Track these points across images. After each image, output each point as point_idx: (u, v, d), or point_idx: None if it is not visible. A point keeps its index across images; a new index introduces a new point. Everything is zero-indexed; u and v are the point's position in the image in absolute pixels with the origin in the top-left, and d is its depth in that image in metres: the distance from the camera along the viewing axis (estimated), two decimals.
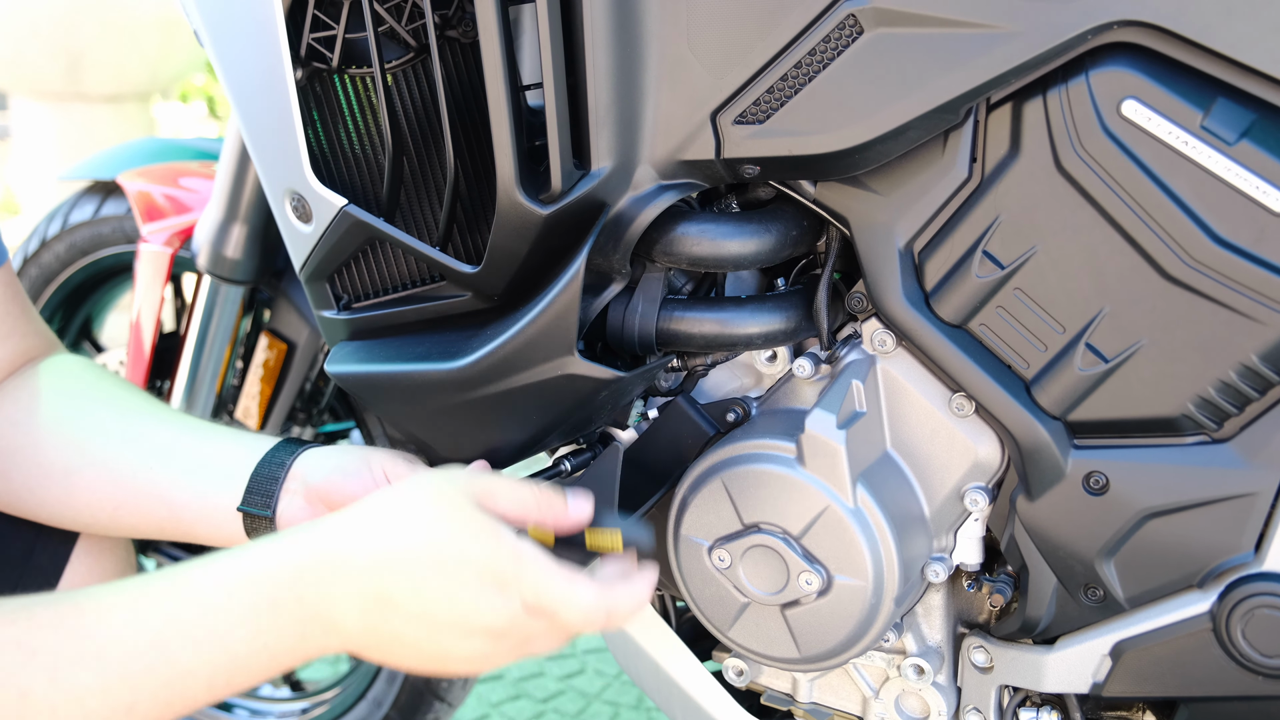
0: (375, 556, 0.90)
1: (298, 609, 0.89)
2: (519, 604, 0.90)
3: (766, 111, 0.99)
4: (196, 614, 0.87)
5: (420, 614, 0.89)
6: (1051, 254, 1.00)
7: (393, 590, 0.89)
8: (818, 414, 1.06)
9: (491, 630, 0.90)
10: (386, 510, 0.92)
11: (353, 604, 0.89)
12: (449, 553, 0.90)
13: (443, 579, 0.89)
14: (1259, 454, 0.98)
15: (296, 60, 1.08)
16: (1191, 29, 0.90)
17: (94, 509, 1.13)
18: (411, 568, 0.90)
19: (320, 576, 0.89)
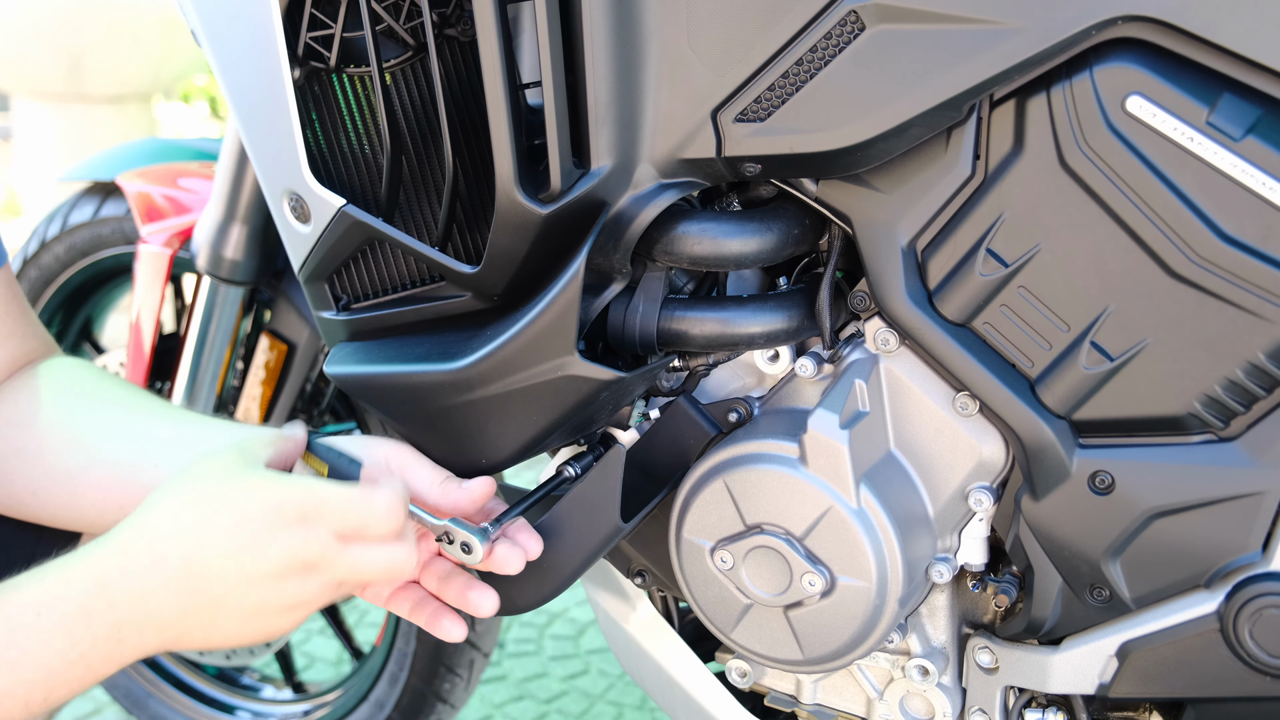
0: (179, 535, 0.91)
1: (110, 614, 0.89)
2: (328, 532, 0.91)
3: (768, 109, 0.99)
4: (6, 637, 0.88)
5: (234, 572, 0.90)
6: (1056, 252, 0.99)
7: (205, 559, 0.90)
8: (820, 414, 1.05)
9: (306, 563, 0.91)
10: (176, 492, 0.93)
11: (168, 592, 0.90)
12: (249, 504, 0.91)
13: (249, 531, 0.90)
14: (1266, 453, 0.97)
15: (294, 59, 1.07)
16: (1197, 24, 0.90)
17: (100, 509, 1.13)
18: (216, 532, 0.90)
19: (129, 576, 0.90)
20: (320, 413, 1.89)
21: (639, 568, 1.26)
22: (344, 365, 1.13)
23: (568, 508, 1.08)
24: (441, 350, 1.09)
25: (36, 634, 0.88)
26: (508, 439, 1.10)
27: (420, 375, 1.08)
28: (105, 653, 0.90)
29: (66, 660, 0.89)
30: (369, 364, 1.12)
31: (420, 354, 1.10)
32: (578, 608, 2.56)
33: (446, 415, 1.09)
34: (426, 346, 1.11)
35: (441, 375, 1.07)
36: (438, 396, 1.08)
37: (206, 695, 2.08)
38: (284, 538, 0.90)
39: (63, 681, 0.89)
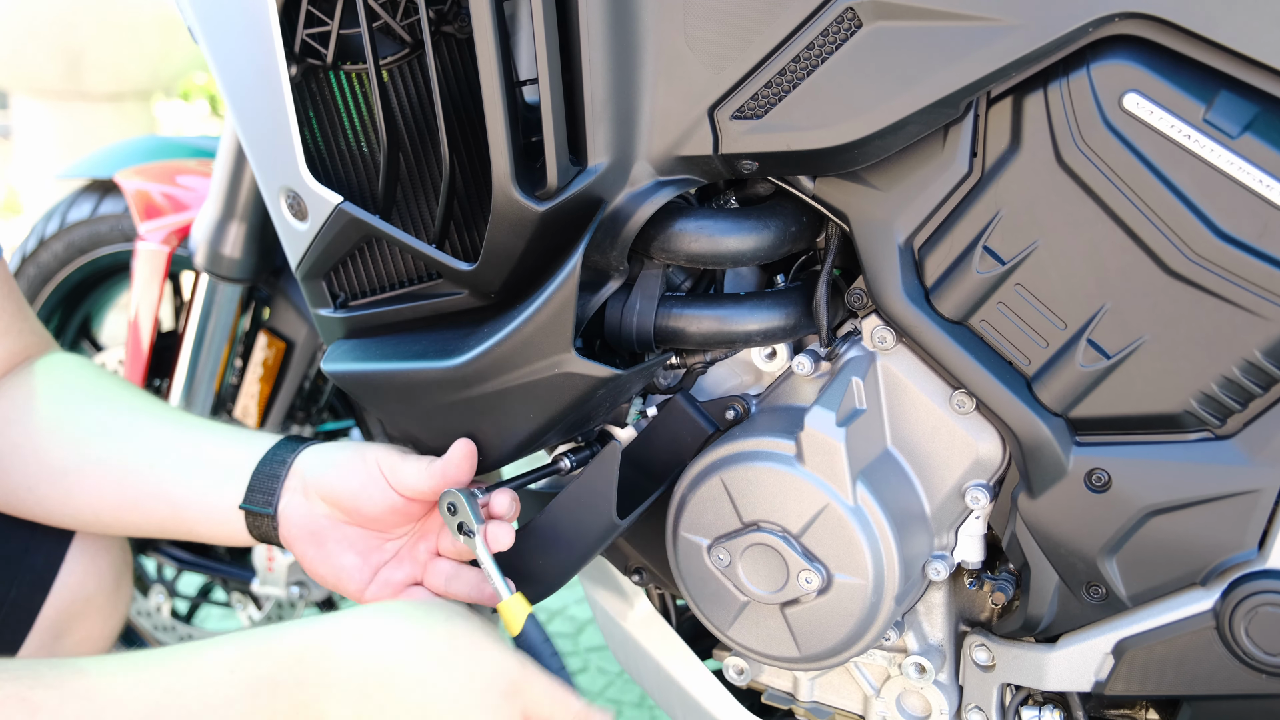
0: (387, 644, 0.90)
1: (296, 692, 0.89)
2: (519, 711, 0.91)
3: (764, 106, 0.99)
4: (195, 686, 0.88)
5: (418, 707, 0.89)
6: (1053, 249, 0.99)
7: (400, 678, 0.89)
8: (817, 411, 1.05)
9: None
10: (405, 607, 0.94)
11: (352, 691, 0.89)
12: (453, 654, 0.91)
13: (445, 678, 0.90)
14: (1262, 450, 0.97)
15: (291, 56, 1.07)
16: (1194, 21, 0.89)
17: (95, 508, 1.13)
18: (411, 665, 0.90)
19: (319, 663, 0.90)
20: (318, 410, 1.89)
21: (636, 565, 1.26)
22: (341, 362, 1.13)
23: (564, 505, 1.09)
24: (439, 347, 1.09)
25: (224, 690, 0.88)
26: (505, 436, 1.10)
27: (417, 372, 1.08)
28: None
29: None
30: (366, 361, 1.12)
31: (417, 351, 1.10)
32: (576, 605, 2.56)
33: (444, 412, 1.09)
34: (424, 344, 1.11)
35: (439, 372, 1.07)
36: (435, 393, 1.08)
37: None
38: (478, 697, 0.90)
39: None
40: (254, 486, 1.10)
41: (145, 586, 2.07)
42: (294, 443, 1.12)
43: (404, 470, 1.07)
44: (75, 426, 1.14)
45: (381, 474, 1.07)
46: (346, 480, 1.07)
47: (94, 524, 1.16)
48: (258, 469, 1.10)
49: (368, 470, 1.07)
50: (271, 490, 1.09)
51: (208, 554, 1.97)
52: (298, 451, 1.11)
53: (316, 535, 1.09)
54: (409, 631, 0.91)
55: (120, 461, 1.13)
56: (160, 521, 1.13)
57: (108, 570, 1.30)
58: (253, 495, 1.10)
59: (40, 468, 1.14)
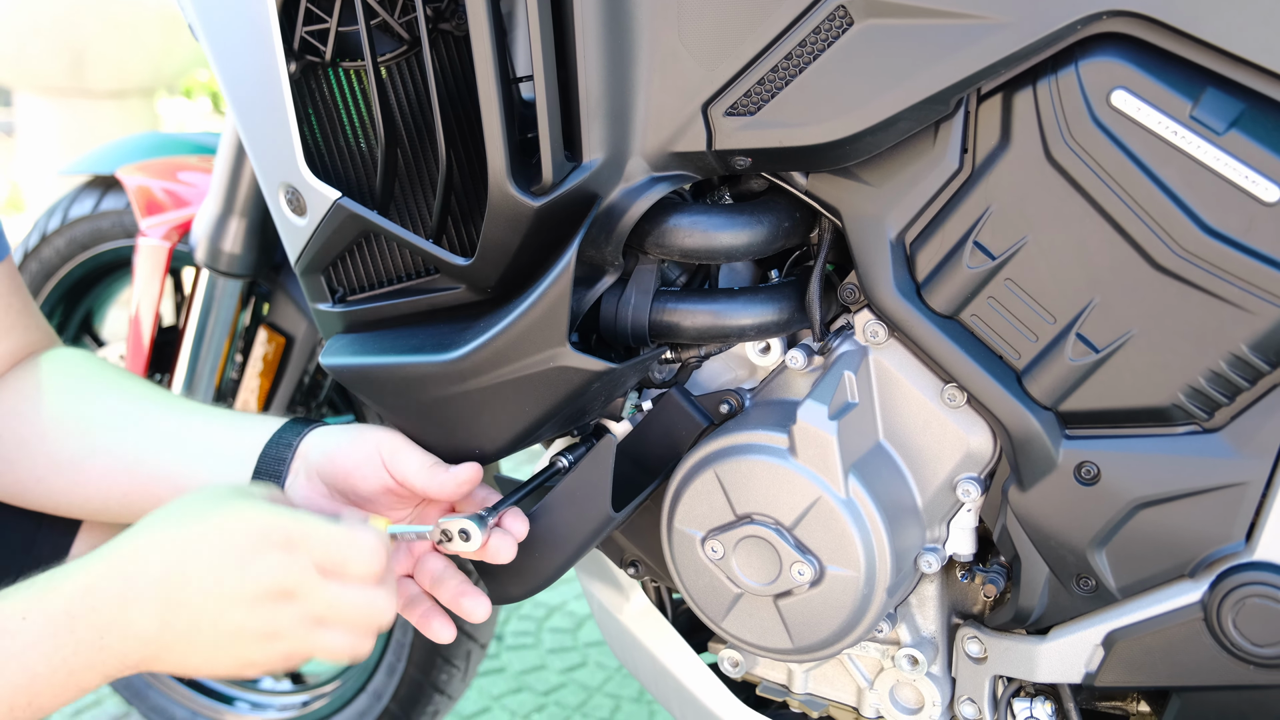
0: (164, 547, 0.92)
1: (94, 618, 0.90)
2: (308, 561, 0.93)
3: (757, 103, 0.99)
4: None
5: (213, 587, 0.91)
6: (1042, 244, 1.00)
7: (186, 571, 0.91)
8: (809, 405, 1.06)
9: (284, 589, 0.92)
10: (168, 511, 0.95)
11: (149, 602, 0.91)
12: (235, 525, 0.93)
13: (231, 549, 0.92)
14: (1249, 443, 0.98)
15: (290, 54, 1.08)
16: (1180, 19, 0.90)
17: (104, 496, 1.14)
18: (200, 546, 0.92)
19: (113, 584, 0.91)
20: (318, 405, 1.90)
21: (632, 558, 1.27)
22: (339, 357, 1.14)
23: (559, 498, 1.09)
24: (436, 342, 1.10)
25: (21, 637, 0.89)
26: (501, 429, 1.10)
27: (415, 366, 1.09)
28: (88, 659, 0.91)
29: (50, 665, 0.90)
30: (364, 355, 1.13)
31: (415, 345, 1.11)
32: (576, 601, 2.57)
33: (440, 406, 1.10)
34: (421, 338, 1.12)
35: (435, 366, 1.08)
36: (432, 387, 1.09)
37: (206, 686, 2.09)
38: (264, 560, 0.92)
39: (46, 687, 0.90)
40: (260, 470, 1.10)
41: None
42: (300, 424, 1.13)
43: (404, 457, 1.07)
44: (82, 417, 1.15)
45: (380, 455, 1.08)
46: (343, 458, 1.08)
47: (102, 512, 1.17)
48: (264, 452, 1.11)
49: (365, 450, 1.08)
50: (278, 473, 1.10)
51: None
52: (303, 434, 1.12)
53: None
54: (190, 522, 0.93)
55: (127, 450, 1.13)
56: None
57: None
58: (259, 478, 1.10)
59: (48, 459, 1.15)
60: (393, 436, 1.09)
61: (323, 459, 1.09)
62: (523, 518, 1.08)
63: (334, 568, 0.94)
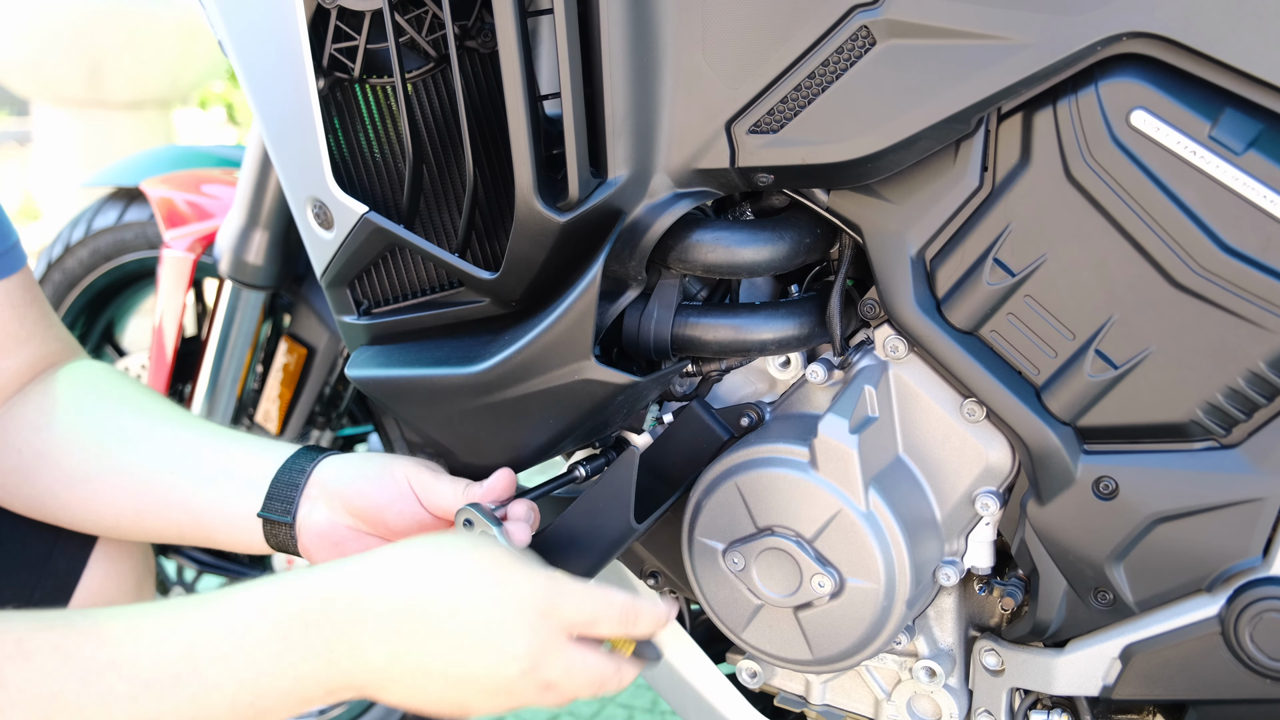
0: (413, 578, 0.91)
1: (328, 629, 0.89)
2: (560, 628, 0.91)
3: (780, 121, 1.01)
4: (225, 628, 0.88)
5: (450, 645, 0.89)
6: (1061, 262, 1.01)
7: (430, 609, 0.90)
8: (830, 419, 1.07)
9: (525, 668, 0.90)
10: (425, 542, 0.94)
11: (384, 627, 0.90)
12: (486, 579, 0.91)
13: (485, 604, 0.90)
14: (1267, 460, 0.99)
15: (319, 70, 1.09)
16: (1199, 41, 0.91)
17: (116, 514, 1.14)
18: (445, 593, 0.90)
19: (350, 601, 0.90)
20: (338, 416, 1.91)
21: (652, 569, 1.28)
22: (365, 368, 1.16)
23: (582, 509, 1.10)
24: (461, 354, 1.11)
25: (255, 631, 0.88)
26: (525, 441, 1.12)
27: (440, 378, 1.10)
28: (314, 669, 0.89)
29: (278, 666, 0.88)
30: (389, 367, 1.14)
31: (440, 358, 1.12)
32: None
33: (465, 418, 1.11)
34: (446, 350, 1.13)
35: (461, 378, 1.09)
36: (457, 399, 1.10)
37: None
38: (509, 633, 0.90)
39: (270, 689, 0.88)
40: (272, 495, 1.10)
41: (165, 588, 2.09)
42: (313, 452, 1.13)
43: (438, 490, 1.07)
44: (98, 433, 1.16)
45: (413, 491, 1.08)
46: (376, 494, 1.08)
47: (115, 530, 1.17)
48: (276, 477, 1.11)
49: (398, 486, 1.08)
50: (290, 499, 1.10)
51: (227, 556, 1.99)
52: (317, 461, 1.11)
53: (339, 545, 1.10)
54: (437, 563, 0.92)
55: (141, 468, 1.13)
56: (179, 528, 1.14)
57: (129, 575, 1.31)
58: (271, 504, 1.10)
59: (63, 474, 1.15)
60: (420, 470, 1.09)
61: (350, 492, 1.09)
62: (527, 503, 1.08)
63: (584, 625, 0.92)
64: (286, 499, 1.10)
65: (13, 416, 1.18)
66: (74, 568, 1.26)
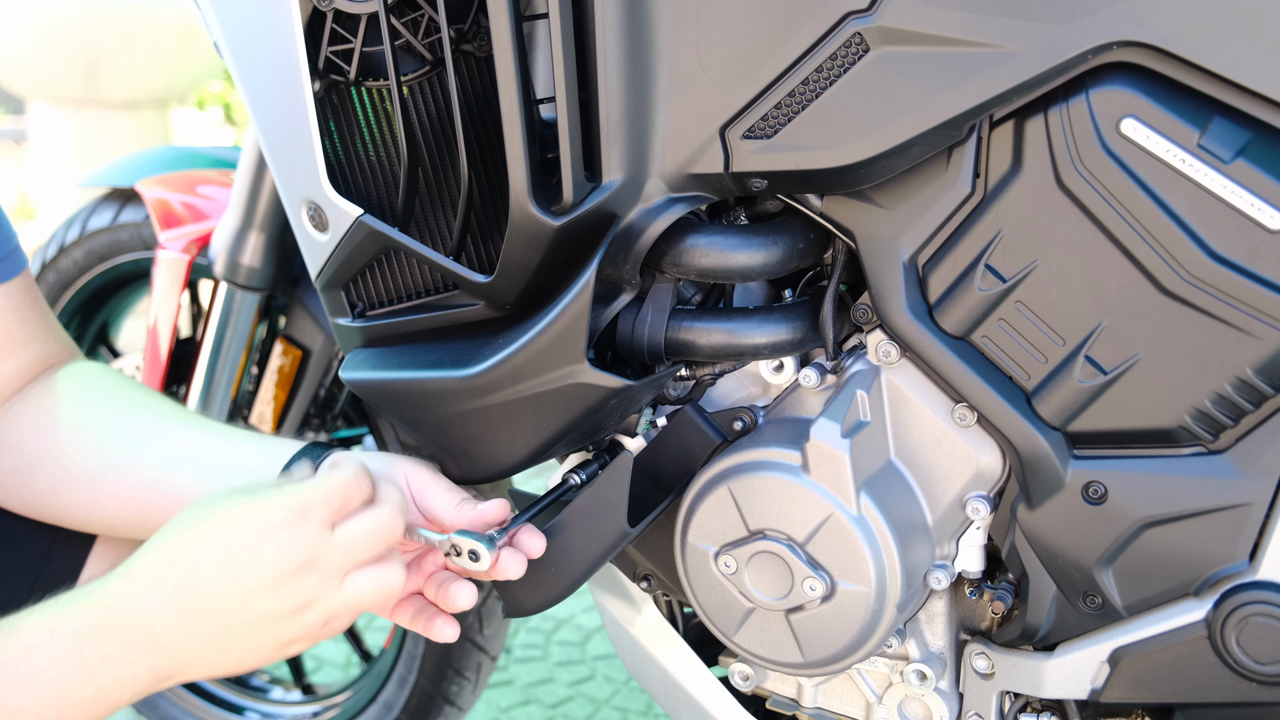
0: (176, 556, 0.92)
1: (118, 634, 0.91)
2: (316, 524, 0.92)
3: (774, 127, 1.01)
4: (20, 654, 0.90)
5: (230, 584, 0.91)
6: (1052, 268, 1.02)
7: (201, 575, 0.91)
8: (822, 423, 1.08)
9: (301, 561, 0.91)
10: (177, 521, 0.95)
11: (171, 611, 0.91)
12: (238, 518, 0.92)
13: (239, 541, 0.91)
14: (1254, 465, 1.00)
15: (314, 72, 1.10)
16: (1189, 50, 0.92)
17: (119, 513, 1.15)
18: (208, 548, 0.92)
19: (133, 599, 0.91)
20: (333, 418, 1.91)
21: (645, 572, 1.28)
22: (359, 371, 1.16)
23: (576, 512, 1.11)
24: (455, 357, 1.11)
25: (48, 652, 0.90)
26: (518, 444, 1.12)
27: (433, 381, 1.11)
28: (116, 675, 0.91)
29: (78, 679, 0.90)
30: (383, 370, 1.14)
31: (434, 361, 1.12)
32: (584, 614, 2.58)
33: (459, 421, 1.12)
34: (440, 353, 1.13)
35: (454, 381, 1.09)
36: (450, 402, 1.11)
37: (216, 696, 2.10)
38: (273, 540, 0.91)
39: (75, 702, 0.90)
40: None
41: None
42: (318, 449, 1.13)
43: (433, 493, 1.08)
44: (100, 432, 1.16)
45: (409, 490, 1.08)
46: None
47: (117, 528, 1.17)
48: (281, 474, 1.11)
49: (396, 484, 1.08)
50: None
51: None
52: (322, 458, 1.11)
53: None
54: (192, 530, 0.93)
55: (144, 467, 1.14)
56: None
57: None
58: None
59: (65, 473, 1.15)
60: (419, 470, 1.10)
61: None
62: (539, 535, 1.09)
63: (337, 512, 0.93)
64: None
65: (13, 417, 1.18)
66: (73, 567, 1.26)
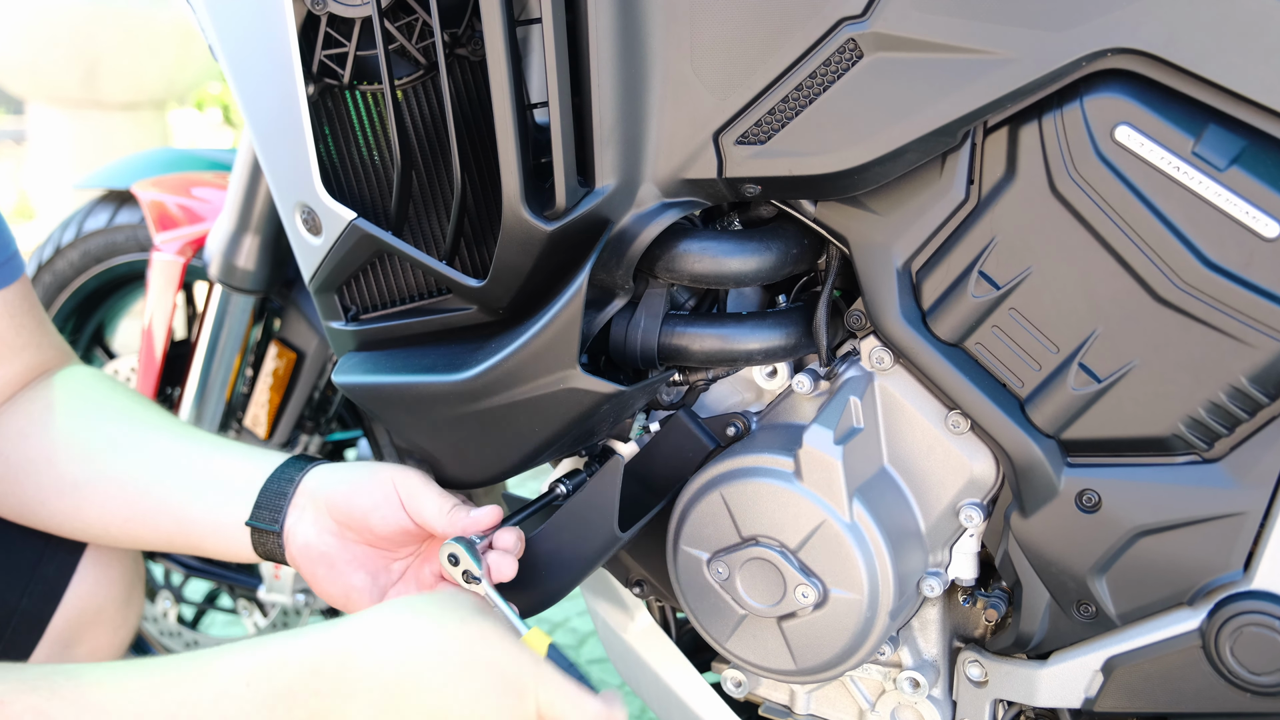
0: (403, 652, 0.90)
1: (314, 702, 0.89)
2: (534, 710, 0.90)
3: (768, 132, 1.01)
4: (211, 698, 0.88)
5: (435, 708, 0.89)
6: (1046, 275, 1.01)
7: (418, 688, 0.89)
8: (815, 429, 1.08)
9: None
10: (416, 608, 0.93)
11: (370, 703, 0.89)
12: (470, 656, 0.90)
13: (462, 682, 0.89)
14: (1248, 474, 1.00)
15: (309, 76, 1.10)
16: (1184, 57, 0.92)
17: (104, 521, 1.14)
18: (430, 669, 0.90)
19: (336, 673, 0.89)
20: (327, 420, 1.91)
21: (637, 577, 1.28)
22: (352, 375, 1.16)
23: (566, 517, 1.11)
24: (447, 361, 1.11)
25: (240, 705, 0.88)
26: (511, 449, 1.12)
27: (426, 385, 1.10)
28: None
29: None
30: (376, 374, 1.14)
31: (426, 365, 1.12)
32: (578, 618, 2.58)
33: (451, 425, 1.12)
34: (433, 357, 1.13)
35: (447, 386, 1.09)
36: (443, 406, 1.11)
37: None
38: (494, 698, 0.89)
39: None
40: (260, 504, 1.11)
41: (152, 592, 2.09)
42: (302, 461, 1.13)
43: (422, 499, 1.07)
44: (88, 441, 1.16)
45: (397, 495, 1.08)
46: (360, 498, 1.08)
47: (103, 537, 1.17)
48: (265, 487, 1.11)
49: (382, 490, 1.08)
50: (278, 508, 1.10)
51: (215, 561, 1.99)
52: (306, 470, 1.12)
53: (326, 555, 1.10)
54: (426, 633, 0.91)
55: (129, 476, 1.14)
56: (168, 536, 1.14)
57: (119, 582, 1.31)
58: (259, 513, 1.10)
59: (53, 481, 1.15)
60: (408, 476, 1.09)
61: (336, 498, 1.09)
62: (515, 532, 1.08)
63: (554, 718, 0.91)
64: (274, 508, 1.10)
65: (5, 423, 1.18)
66: (63, 573, 1.26)
